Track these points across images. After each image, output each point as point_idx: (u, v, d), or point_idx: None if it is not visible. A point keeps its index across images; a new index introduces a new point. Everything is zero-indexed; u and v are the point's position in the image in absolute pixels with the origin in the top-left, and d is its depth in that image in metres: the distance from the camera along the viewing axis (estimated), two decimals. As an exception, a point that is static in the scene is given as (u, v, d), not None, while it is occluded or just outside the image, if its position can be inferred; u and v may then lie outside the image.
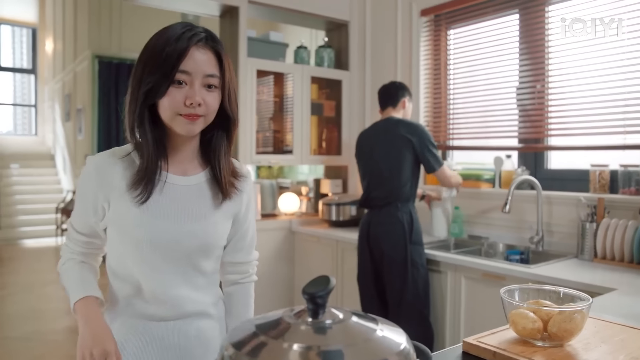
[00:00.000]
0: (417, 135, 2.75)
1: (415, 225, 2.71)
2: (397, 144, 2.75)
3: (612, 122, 2.59)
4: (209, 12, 3.65)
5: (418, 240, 2.70)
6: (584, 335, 1.20)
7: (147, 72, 1.10)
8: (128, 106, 1.14)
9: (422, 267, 2.67)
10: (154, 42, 1.12)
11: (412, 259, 2.65)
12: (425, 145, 2.75)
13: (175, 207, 1.18)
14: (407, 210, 2.73)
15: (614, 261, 2.36)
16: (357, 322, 0.65)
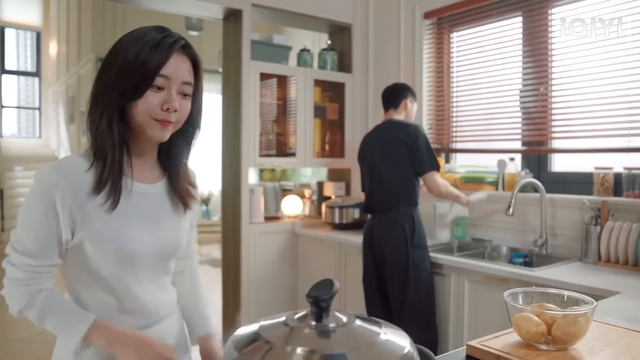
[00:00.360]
0: (411, 135, 2.73)
1: (418, 229, 2.69)
2: (395, 147, 2.74)
3: (616, 125, 2.58)
4: (212, 15, 3.66)
5: (420, 243, 2.67)
6: (588, 339, 1.19)
7: (122, 74, 1.06)
8: (94, 107, 1.10)
9: (424, 270, 2.64)
10: (130, 45, 1.08)
11: (414, 262, 2.63)
12: (417, 145, 2.70)
13: (146, 215, 1.15)
14: (409, 214, 2.70)
15: (618, 264, 2.36)
16: (360, 326, 0.65)
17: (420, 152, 2.70)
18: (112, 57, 1.11)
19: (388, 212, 2.74)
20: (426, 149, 2.72)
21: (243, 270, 3.45)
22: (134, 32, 1.13)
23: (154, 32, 1.11)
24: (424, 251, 2.68)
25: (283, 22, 4.18)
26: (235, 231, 3.52)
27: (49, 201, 1.04)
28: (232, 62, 3.56)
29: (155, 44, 1.08)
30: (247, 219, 3.47)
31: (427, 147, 2.72)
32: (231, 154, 3.58)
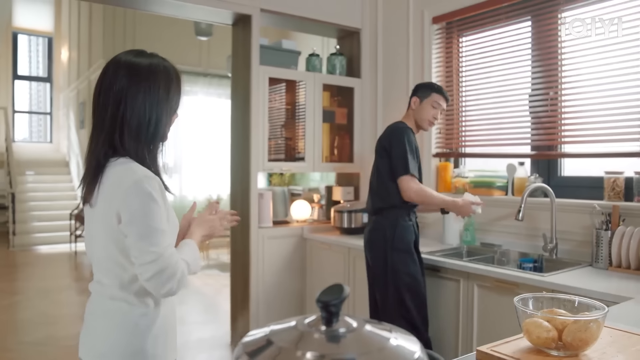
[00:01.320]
0: (389, 137, 2.67)
1: (399, 232, 2.60)
2: (378, 151, 2.73)
3: (626, 129, 2.56)
4: (222, 21, 3.68)
5: (401, 247, 2.59)
6: (600, 345, 1.19)
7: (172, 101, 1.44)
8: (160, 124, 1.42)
9: (407, 275, 2.56)
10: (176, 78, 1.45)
11: (393, 266, 2.57)
12: (391, 148, 2.63)
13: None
14: (392, 217, 2.63)
15: (629, 270, 2.34)
16: (370, 331, 0.65)
17: (392, 155, 2.62)
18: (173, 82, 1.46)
19: (375, 216, 2.72)
20: (398, 152, 2.60)
21: (252, 274, 3.46)
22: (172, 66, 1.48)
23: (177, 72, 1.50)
24: (406, 255, 2.59)
25: (292, 27, 4.20)
26: (244, 235, 3.53)
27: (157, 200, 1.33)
28: (241, 67, 3.58)
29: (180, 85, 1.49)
30: (255, 223, 3.48)
31: (398, 151, 2.60)
32: (240, 159, 3.60)
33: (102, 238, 1.35)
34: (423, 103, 2.74)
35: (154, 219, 1.29)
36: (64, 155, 11.27)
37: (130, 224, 1.28)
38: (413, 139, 2.67)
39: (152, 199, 1.30)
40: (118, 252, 1.33)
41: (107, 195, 1.33)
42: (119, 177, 1.32)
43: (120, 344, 1.35)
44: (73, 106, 10.45)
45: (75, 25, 10.11)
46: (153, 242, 1.28)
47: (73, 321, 4.70)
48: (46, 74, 12.01)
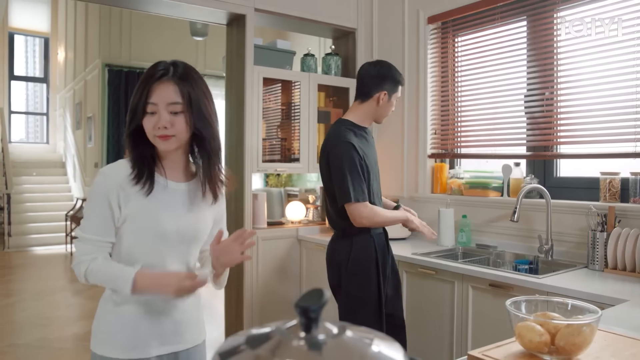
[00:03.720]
0: (326, 155, 2.31)
1: (355, 253, 2.30)
2: (322, 162, 2.37)
3: (622, 130, 2.55)
4: (216, 21, 3.66)
5: (357, 270, 2.29)
6: (594, 349, 1.17)
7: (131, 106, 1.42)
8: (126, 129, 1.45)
9: (359, 300, 2.29)
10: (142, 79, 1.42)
11: (347, 291, 2.31)
12: (330, 170, 2.27)
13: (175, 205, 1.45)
14: (347, 234, 2.33)
15: (625, 272, 2.32)
16: (351, 337, 0.63)
17: (332, 180, 2.27)
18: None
19: (334, 231, 2.44)
20: (337, 177, 2.24)
21: (246, 276, 3.43)
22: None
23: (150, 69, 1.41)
24: (361, 278, 2.29)
25: (287, 27, 4.17)
26: (238, 237, 3.50)
27: (102, 192, 1.39)
28: (235, 67, 3.56)
29: (145, 79, 1.39)
30: (250, 224, 3.46)
31: (337, 176, 2.24)
32: (234, 159, 3.57)
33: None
34: (391, 99, 2.39)
35: (87, 207, 1.42)
36: (60, 156, 11.24)
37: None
38: (355, 149, 2.24)
39: (92, 192, 1.42)
40: None
41: None
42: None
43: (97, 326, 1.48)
44: (69, 107, 10.42)
45: (72, 26, 10.08)
46: (81, 225, 1.42)
47: (67, 323, 4.67)
48: (42, 75, 11.98)
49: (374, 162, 2.43)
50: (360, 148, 2.28)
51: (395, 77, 2.39)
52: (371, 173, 2.34)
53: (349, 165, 2.22)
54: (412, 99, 3.58)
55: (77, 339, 4.20)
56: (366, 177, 2.29)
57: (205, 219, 1.53)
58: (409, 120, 3.58)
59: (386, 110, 2.40)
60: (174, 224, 1.43)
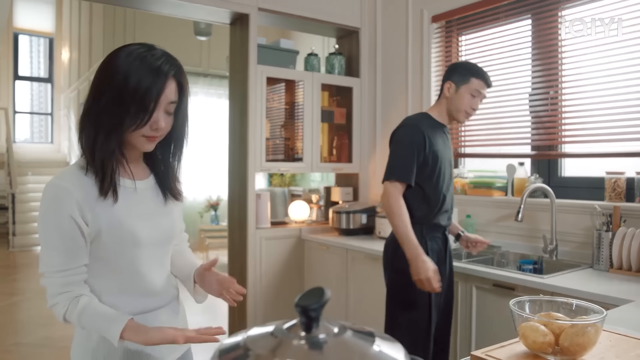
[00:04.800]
0: (393, 134, 2.29)
1: (401, 250, 2.16)
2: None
3: (628, 129, 2.53)
4: (219, 20, 3.66)
5: (403, 268, 2.14)
6: (599, 349, 1.16)
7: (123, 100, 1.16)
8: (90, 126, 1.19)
9: (404, 303, 2.15)
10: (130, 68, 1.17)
11: (391, 290, 2.24)
12: (390, 142, 2.27)
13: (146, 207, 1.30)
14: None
15: (630, 272, 2.30)
16: (352, 337, 0.62)
17: (390, 154, 2.27)
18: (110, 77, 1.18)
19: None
20: (394, 150, 2.24)
21: (249, 275, 3.43)
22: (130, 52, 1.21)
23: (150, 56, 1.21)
24: (406, 278, 2.13)
25: (290, 27, 4.17)
26: (241, 236, 3.51)
27: (62, 211, 1.16)
28: (238, 66, 3.56)
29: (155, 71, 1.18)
30: (253, 224, 3.45)
31: (396, 149, 2.22)
32: (238, 159, 3.57)
33: None
34: (460, 90, 2.23)
35: (45, 236, 1.18)
36: (64, 156, 11.26)
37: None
38: (422, 137, 2.16)
39: (47, 216, 1.17)
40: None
41: None
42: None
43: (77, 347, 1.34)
44: (74, 107, 10.44)
45: (76, 26, 10.11)
46: (41, 260, 1.20)
47: (71, 322, 4.69)
48: (47, 75, 12.00)
49: (448, 162, 2.29)
50: (429, 137, 2.17)
51: (466, 67, 2.26)
52: (440, 172, 2.22)
53: (404, 148, 2.12)
54: (415, 98, 3.57)
55: (81, 338, 4.21)
56: (429, 172, 2.17)
57: (178, 218, 1.40)
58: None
59: (457, 103, 2.23)
60: (150, 230, 1.27)
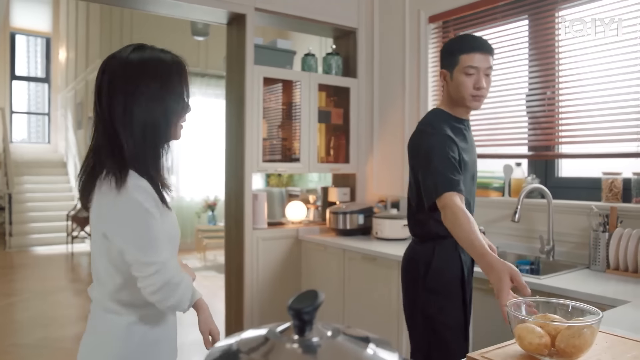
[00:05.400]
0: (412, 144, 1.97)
1: (435, 265, 1.91)
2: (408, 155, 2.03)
3: (625, 129, 2.53)
4: (216, 20, 3.65)
5: (436, 287, 1.91)
6: (595, 351, 1.15)
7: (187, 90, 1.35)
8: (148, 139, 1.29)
9: (441, 324, 1.89)
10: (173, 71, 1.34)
11: (423, 311, 1.92)
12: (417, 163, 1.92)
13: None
14: (429, 244, 1.95)
15: (627, 272, 2.30)
16: (346, 340, 0.62)
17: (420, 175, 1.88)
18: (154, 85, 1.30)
19: (413, 238, 2.07)
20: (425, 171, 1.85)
21: (246, 276, 3.42)
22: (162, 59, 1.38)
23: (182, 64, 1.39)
24: (442, 298, 1.91)
25: (287, 27, 4.16)
26: (238, 237, 3.50)
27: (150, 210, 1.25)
28: (235, 66, 3.55)
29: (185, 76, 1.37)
30: (250, 224, 3.45)
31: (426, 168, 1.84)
32: (234, 159, 3.56)
33: (94, 249, 1.32)
34: (454, 74, 1.91)
35: (150, 229, 1.23)
36: (61, 156, 11.24)
37: (125, 238, 1.23)
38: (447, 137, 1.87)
39: (146, 210, 1.23)
40: (107, 262, 1.29)
41: (96, 204, 1.27)
42: (109, 188, 1.23)
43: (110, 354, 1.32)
44: (71, 107, 10.42)
45: (73, 26, 10.09)
46: (152, 252, 1.22)
47: (69, 322, 4.67)
48: (44, 75, 11.98)
49: (472, 164, 2.02)
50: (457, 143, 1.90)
51: (451, 47, 1.96)
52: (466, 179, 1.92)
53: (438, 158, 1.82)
54: (412, 99, 3.56)
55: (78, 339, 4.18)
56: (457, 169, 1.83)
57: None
58: (410, 119, 3.57)
59: (459, 90, 1.91)
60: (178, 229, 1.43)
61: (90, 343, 1.37)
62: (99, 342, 1.34)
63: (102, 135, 1.27)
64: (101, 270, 1.31)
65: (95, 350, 1.35)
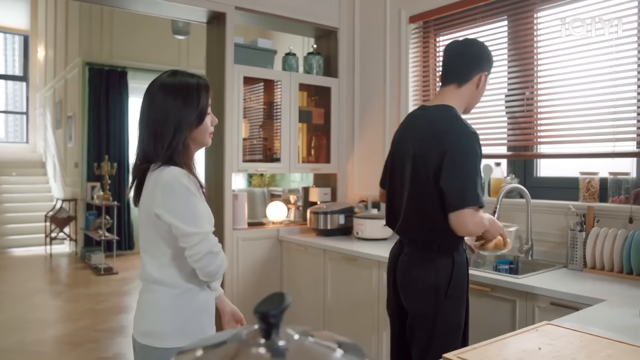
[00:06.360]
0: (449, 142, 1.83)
1: (457, 274, 1.90)
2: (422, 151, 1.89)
3: (601, 129, 2.56)
4: (196, 19, 3.62)
5: (455, 293, 1.90)
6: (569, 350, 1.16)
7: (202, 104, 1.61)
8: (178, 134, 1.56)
9: (457, 329, 1.91)
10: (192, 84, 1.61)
11: (443, 319, 1.88)
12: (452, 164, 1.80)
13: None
14: (445, 250, 1.90)
15: (603, 271, 2.32)
16: (313, 343, 0.60)
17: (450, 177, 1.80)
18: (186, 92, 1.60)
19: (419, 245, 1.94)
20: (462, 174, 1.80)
21: (226, 277, 3.39)
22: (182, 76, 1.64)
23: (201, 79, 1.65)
24: (462, 302, 1.93)
25: (268, 26, 4.14)
26: (217, 237, 3.45)
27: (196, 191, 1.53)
28: (215, 65, 3.52)
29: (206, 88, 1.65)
30: (230, 224, 3.42)
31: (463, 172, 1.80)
32: (214, 159, 3.53)
33: (146, 230, 1.57)
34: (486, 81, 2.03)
35: (194, 207, 1.50)
36: (40, 156, 11.05)
37: (173, 215, 1.48)
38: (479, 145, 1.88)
39: (189, 191, 1.50)
40: (159, 239, 1.54)
41: (148, 194, 1.54)
42: (157, 177, 1.51)
43: (167, 322, 1.54)
44: (49, 106, 10.25)
45: (52, 24, 9.92)
46: (197, 225, 1.48)
47: (45, 326, 4.58)
48: (22, 73, 11.76)
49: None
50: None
51: (489, 53, 2.02)
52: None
53: (474, 163, 1.81)
54: (393, 98, 3.57)
55: (55, 342, 4.12)
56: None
57: None
58: (391, 119, 3.57)
59: (479, 97, 2.03)
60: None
61: (142, 314, 1.59)
62: (150, 312, 1.56)
63: (147, 142, 1.56)
64: (153, 248, 1.56)
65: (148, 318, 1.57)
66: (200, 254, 1.48)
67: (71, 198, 8.40)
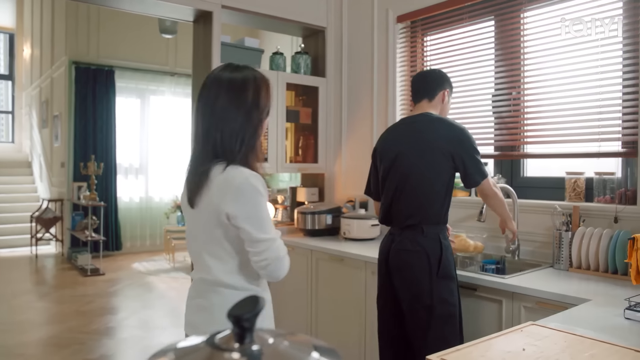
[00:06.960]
0: (460, 139, 2.26)
1: (446, 255, 2.20)
2: (433, 149, 2.25)
3: (586, 130, 2.57)
4: (183, 17, 3.58)
5: (448, 273, 2.19)
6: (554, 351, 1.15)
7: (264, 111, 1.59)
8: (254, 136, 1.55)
9: (452, 306, 2.16)
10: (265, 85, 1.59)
11: (439, 297, 2.14)
12: (470, 152, 2.25)
13: None
14: (433, 234, 2.21)
15: (589, 270, 2.33)
16: (288, 347, 0.59)
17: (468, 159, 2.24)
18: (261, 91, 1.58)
19: (410, 230, 2.25)
20: (478, 154, 2.30)
21: (213, 278, 3.36)
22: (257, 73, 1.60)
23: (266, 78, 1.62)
24: (452, 282, 2.20)
25: (255, 25, 4.11)
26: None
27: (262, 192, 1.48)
28: (202, 65, 3.49)
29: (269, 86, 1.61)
30: (217, 225, 3.38)
31: (477, 153, 2.30)
32: (201, 159, 3.50)
33: (209, 230, 1.51)
34: (449, 98, 2.47)
35: (264, 210, 1.47)
36: (26, 156, 10.93)
37: (244, 218, 1.44)
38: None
39: (260, 194, 1.46)
40: (228, 243, 1.50)
41: (215, 196, 1.47)
42: (226, 179, 1.46)
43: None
44: (35, 105, 10.14)
45: (38, 22, 9.81)
46: (265, 230, 1.45)
47: (31, 327, 4.52)
48: (7, 72, 11.63)
49: None
50: None
51: (449, 79, 2.49)
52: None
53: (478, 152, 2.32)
54: (381, 98, 3.56)
55: (40, 344, 4.06)
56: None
57: None
58: (378, 119, 3.56)
59: (446, 110, 2.47)
60: None
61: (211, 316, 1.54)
62: (216, 316, 1.51)
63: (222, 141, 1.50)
64: (218, 248, 1.51)
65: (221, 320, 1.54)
66: (267, 260, 1.45)
67: (57, 198, 8.30)
